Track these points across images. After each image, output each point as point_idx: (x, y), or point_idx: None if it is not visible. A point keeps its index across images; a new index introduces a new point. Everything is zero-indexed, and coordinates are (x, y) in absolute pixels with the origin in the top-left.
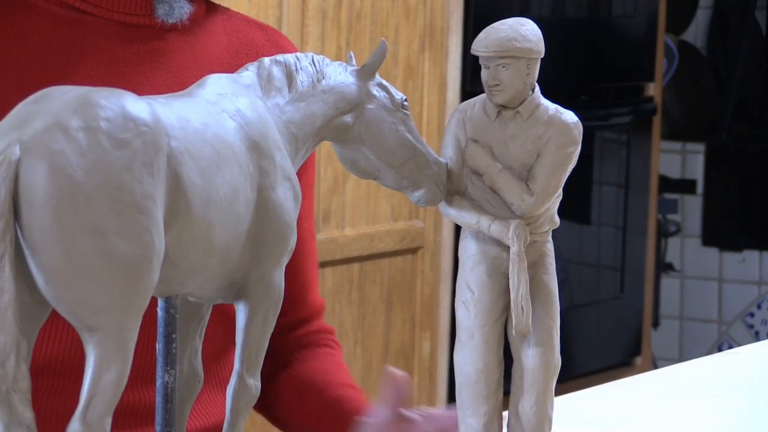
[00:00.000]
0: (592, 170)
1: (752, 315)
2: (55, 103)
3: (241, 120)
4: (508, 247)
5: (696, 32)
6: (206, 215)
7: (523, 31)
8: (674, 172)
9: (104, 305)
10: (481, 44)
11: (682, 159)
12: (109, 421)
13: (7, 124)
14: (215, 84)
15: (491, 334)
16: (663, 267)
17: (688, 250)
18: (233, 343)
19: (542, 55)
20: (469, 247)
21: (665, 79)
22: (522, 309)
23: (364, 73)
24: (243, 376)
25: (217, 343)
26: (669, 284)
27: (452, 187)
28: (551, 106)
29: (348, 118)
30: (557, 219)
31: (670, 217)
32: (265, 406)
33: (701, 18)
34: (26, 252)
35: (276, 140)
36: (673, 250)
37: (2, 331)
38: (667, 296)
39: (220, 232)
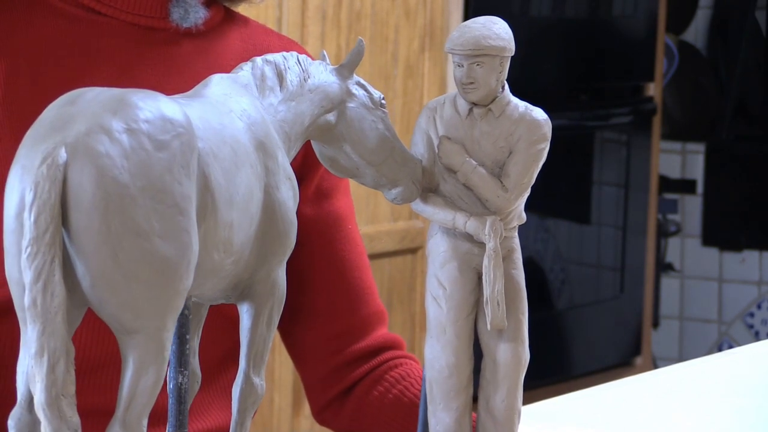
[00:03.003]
0: (592, 170)
1: (752, 315)
2: (92, 105)
3: (247, 120)
4: (480, 243)
5: (696, 32)
6: (229, 216)
7: (496, 30)
8: (674, 172)
9: (146, 308)
10: (456, 43)
11: (682, 159)
12: (145, 422)
13: (45, 126)
14: (219, 84)
15: (463, 330)
16: (663, 267)
17: (688, 250)
18: (237, 349)
19: (513, 54)
20: (439, 244)
21: (665, 79)
22: (498, 304)
23: (344, 72)
24: (250, 376)
25: (222, 348)
26: (669, 284)
27: (424, 184)
28: (521, 104)
29: (331, 117)
30: (524, 215)
31: (670, 217)
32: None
33: (701, 18)
34: (72, 255)
35: (276, 140)
36: (673, 250)
37: (52, 336)
38: (667, 296)
39: (238, 233)
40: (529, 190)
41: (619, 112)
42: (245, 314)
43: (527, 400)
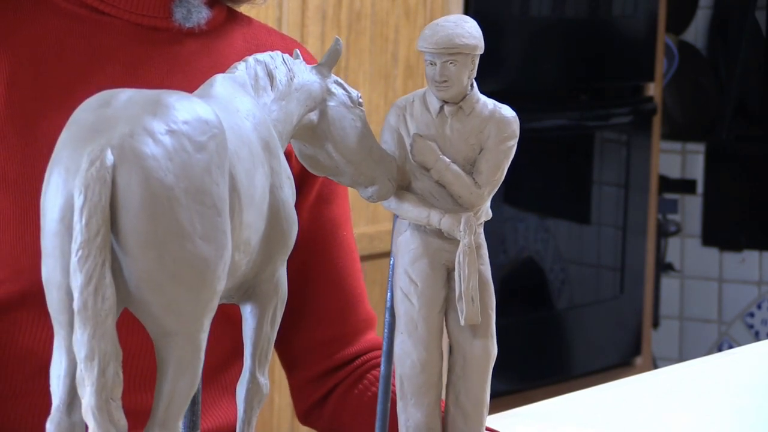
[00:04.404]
0: (592, 170)
1: (752, 315)
2: (130, 107)
3: (253, 120)
4: (450, 240)
5: (696, 32)
6: (249, 216)
7: (468, 28)
8: (674, 172)
9: (187, 309)
10: (430, 41)
11: (682, 159)
12: (181, 423)
13: (85, 128)
14: (223, 85)
15: (434, 326)
16: (663, 267)
17: (688, 250)
18: (238, 348)
19: (482, 52)
20: (410, 241)
21: (665, 79)
22: (472, 300)
23: (323, 71)
24: (256, 375)
25: (222, 348)
26: (669, 284)
27: (398, 181)
28: (489, 101)
29: (313, 116)
30: (490, 212)
31: (670, 217)
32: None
33: (701, 18)
34: (119, 257)
35: (276, 139)
36: (673, 250)
37: (103, 339)
38: (667, 296)
39: (255, 234)
40: (498, 186)
41: (619, 112)
42: (249, 314)
43: (527, 400)
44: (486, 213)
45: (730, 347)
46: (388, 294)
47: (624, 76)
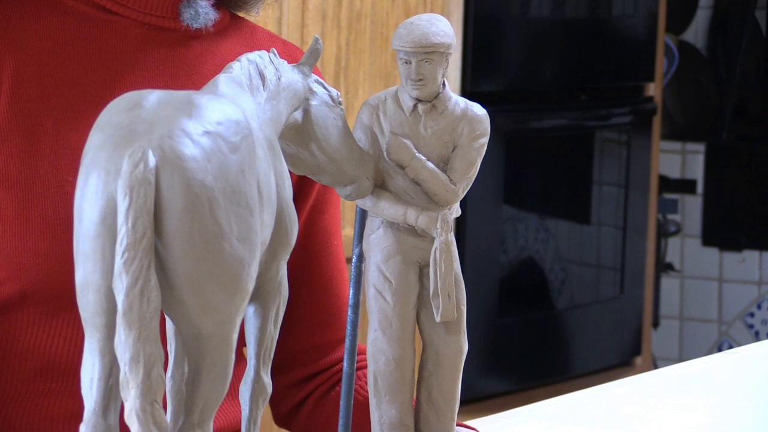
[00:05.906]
0: (592, 170)
1: (752, 315)
2: (163, 109)
3: (257, 120)
4: (423, 237)
5: (696, 32)
6: (267, 217)
7: (441, 26)
8: (674, 172)
9: (222, 310)
10: (405, 40)
11: (682, 159)
12: (212, 424)
13: (122, 130)
14: (227, 85)
15: (408, 323)
16: (663, 267)
17: (688, 250)
18: (240, 348)
19: (454, 51)
20: (383, 238)
21: (665, 79)
22: (449, 296)
23: (304, 70)
24: (260, 374)
25: None
26: (669, 284)
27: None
28: (461, 100)
29: (297, 115)
30: (460, 209)
31: (670, 217)
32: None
33: (701, 18)
34: (162, 258)
35: (277, 140)
36: (673, 250)
37: (148, 341)
38: (667, 296)
39: (269, 233)
40: (471, 183)
41: (619, 112)
42: (253, 314)
43: (527, 400)
44: (456, 210)
45: (730, 347)
46: (351, 291)
47: (624, 76)
